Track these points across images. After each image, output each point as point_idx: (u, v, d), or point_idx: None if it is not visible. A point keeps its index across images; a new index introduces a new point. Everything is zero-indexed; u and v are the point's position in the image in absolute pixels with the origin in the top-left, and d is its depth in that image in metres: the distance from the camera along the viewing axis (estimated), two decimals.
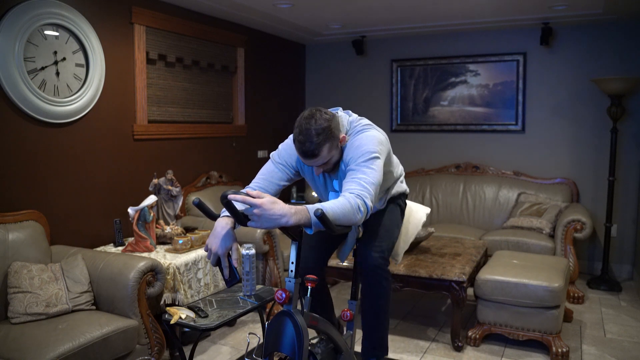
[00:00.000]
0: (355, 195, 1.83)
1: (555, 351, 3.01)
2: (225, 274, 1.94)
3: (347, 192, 1.85)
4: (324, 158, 1.98)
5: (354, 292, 2.40)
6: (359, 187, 1.86)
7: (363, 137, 2.04)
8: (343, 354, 2.21)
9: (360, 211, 1.82)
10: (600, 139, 4.66)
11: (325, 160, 2.00)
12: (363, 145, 2.00)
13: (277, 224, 1.68)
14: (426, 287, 3.26)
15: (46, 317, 2.51)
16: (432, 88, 5.31)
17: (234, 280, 1.94)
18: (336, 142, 2.00)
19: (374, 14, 4.42)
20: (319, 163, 2.00)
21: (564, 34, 4.74)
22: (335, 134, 1.98)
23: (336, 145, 2.01)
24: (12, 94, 2.83)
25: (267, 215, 1.66)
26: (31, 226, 2.83)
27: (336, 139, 2.00)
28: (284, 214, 1.67)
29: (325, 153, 1.97)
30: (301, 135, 1.95)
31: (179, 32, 4.00)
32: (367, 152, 1.97)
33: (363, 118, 2.18)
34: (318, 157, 1.97)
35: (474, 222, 4.92)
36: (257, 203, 1.65)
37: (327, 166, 2.05)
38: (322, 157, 1.97)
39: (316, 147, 1.93)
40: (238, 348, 3.22)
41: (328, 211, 1.73)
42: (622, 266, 4.68)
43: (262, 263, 3.74)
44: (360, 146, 2.00)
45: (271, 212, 1.66)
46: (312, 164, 2.01)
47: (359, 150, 1.99)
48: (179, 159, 4.11)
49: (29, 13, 2.88)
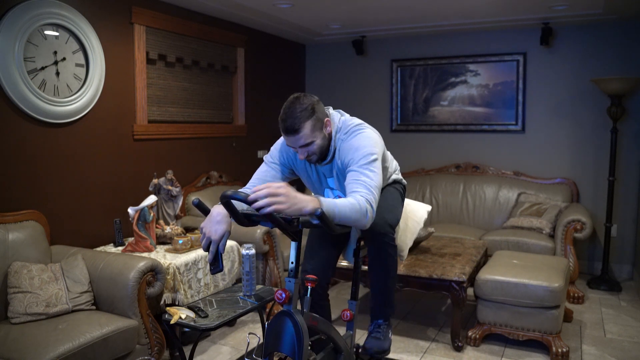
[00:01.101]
0: (365, 199, 1.83)
1: (555, 351, 3.01)
2: (210, 259, 1.96)
3: (356, 194, 1.85)
4: (307, 137, 1.97)
5: (354, 292, 2.40)
6: (366, 191, 1.86)
7: (361, 137, 2.04)
8: (343, 354, 2.21)
9: (367, 216, 1.83)
10: (600, 139, 4.66)
11: (308, 141, 1.98)
12: (362, 147, 1.99)
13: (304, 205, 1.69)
14: (426, 287, 3.26)
15: (46, 317, 2.51)
16: (432, 88, 5.31)
17: (217, 269, 1.95)
18: (320, 124, 2.00)
19: (374, 14, 4.42)
20: (301, 142, 1.98)
21: (564, 34, 4.74)
22: (319, 116, 1.99)
23: (320, 128, 2.00)
24: (12, 94, 2.83)
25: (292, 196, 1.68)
26: (31, 226, 2.83)
27: (320, 121, 2.00)
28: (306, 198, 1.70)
29: (308, 131, 1.96)
30: (284, 114, 1.96)
31: (179, 32, 4.00)
32: (368, 154, 1.96)
33: (354, 118, 2.18)
34: (300, 134, 1.95)
35: (474, 222, 4.92)
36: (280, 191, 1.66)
37: (311, 151, 2.02)
38: (305, 134, 1.96)
39: (298, 122, 1.93)
40: (238, 348, 3.22)
41: (340, 208, 1.76)
42: (622, 266, 4.68)
43: (262, 263, 3.74)
44: (359, 148, 1.99)
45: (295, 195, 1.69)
46: (295, 142, 1.99)
47: (358, 152, 1.98)
48: (179, 159, 4.11)
49: (29, 13, 2.88)
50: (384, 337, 2.27)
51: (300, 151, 2.02)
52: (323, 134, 2.03)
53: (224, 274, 3.30)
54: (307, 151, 2.02)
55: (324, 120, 2.03)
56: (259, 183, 2.14)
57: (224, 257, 3.31)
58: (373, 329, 2.31)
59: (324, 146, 2.05)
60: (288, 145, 2.04)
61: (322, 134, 2.02)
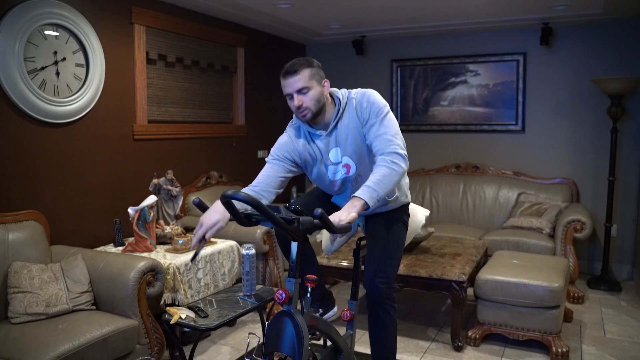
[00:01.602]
0: (387, 153, 2.00)
1: (555, 351, 3.01)
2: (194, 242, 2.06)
3: (379, 154, 2.02)
4: (304, 81, 2.04)
5: (354, 292, 2.40)
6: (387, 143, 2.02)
7: (368, 93, 2.14)
8: (343, 354, 2.21)
9: (402, 167, 2.00)
10: (600, 139, 4.66)
11: (305, 85, 2.04)
12: (375, 101, 2.11)
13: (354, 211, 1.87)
14: (426, 287, 3.26)
15: (46, 317, 2.51)
16: (432, 88, 5.31)
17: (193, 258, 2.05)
18: (318, 77, 2.08)
19: (374, 14, 4.42)
20: (298, 85, 2.04)
21: (564, 34, 4.74)
22: (319, 71, 2.10)
23: (318, 80, 2.08)
24: (12, 94, 2.83)
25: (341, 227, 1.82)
26: (31, 226, 2.82)
27: (319, 75, 2.09)
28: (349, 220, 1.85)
29: (306, 76, 2.04)
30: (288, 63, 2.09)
31: (179, 32, 4.00)
32: (383, 106, 2.10)
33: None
34: (298, 76, 2.03)
35: (474, 222, 4.92)
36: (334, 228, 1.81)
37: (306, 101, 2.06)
38: (303, 77, 2.03)
39: (298, 65, 2.04)
40: (238, 348, 3.22)
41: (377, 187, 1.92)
42: (622, 266, 4.68)
43: (262, 263, 3.74)
44: (374, 102, 2.11)
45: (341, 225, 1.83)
46: (292, 85, 2.05)
47: (374, 105, 2.10)
48: (179, 159, 4.11)
49: (29, 13, 2.88)
50: None
51: (295, 99, 2.07)
52: (320, 89, 2.09)
53: (224, 274, 3.30)
54: (302, 100, 2.06)
55: (323, 80, 2.11)
56: (264, 179, 2.18)
57: (224, 257, 3.32)
58: None
59: (319, 103, 2.09)
60: (286, 93, 2.09)
61: (319, 89, 2.09)
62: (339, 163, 2.19)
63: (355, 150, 2.15)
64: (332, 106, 2.16)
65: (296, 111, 2.11)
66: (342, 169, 2.20)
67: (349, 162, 2.18)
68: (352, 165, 2.18)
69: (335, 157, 2.19)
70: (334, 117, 2.14)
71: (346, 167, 2.19)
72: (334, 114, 2.15)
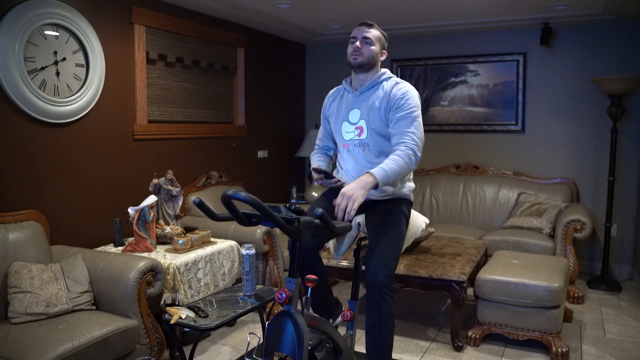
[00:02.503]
0: (407, 147, 2.21)
1: (555, 351, 3.01)
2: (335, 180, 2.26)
3: (402, 145, 2.23)
4: (372, 36, 2.36)
5: (354, 292, 2.40)
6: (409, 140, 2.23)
7: (410, 89, 2.35)
8: (343, 354, 2.21)
9: (412, 160, 2.21)
10: (600, 139, 4.67)
11: (371, 38, 2.35)
12: (411, 97, 2.32)
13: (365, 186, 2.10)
14: (426, 287, 3.26)
15: (46, 317, 2.51)
16: (432, 88, 5.31)
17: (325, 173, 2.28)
18: (382, 43, 2.41)
19: (373, 14, 4.41)
20: (367, 35, 2.35)
21: (564, 34, 4.74)
22: (384, 41, 2.43)
23: (381, 44, 2.41)
24: (12, 94, 2.83)
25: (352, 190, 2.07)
26: (31, 226, 2.82)
27: (383, 42, 2.42)
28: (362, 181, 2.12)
29: (376, 34, 2.37)
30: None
31: (179, 32, 4.00)
32: (415, 107, 2.31)
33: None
34: (370, 30, 2.36)
35: (474, 222, 4.92)
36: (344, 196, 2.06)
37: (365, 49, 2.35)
38: (373, 34, 2.36)
39: (374, 25, 2.39)
40: (238, 348, 3.22)
41: (390, 169, 2.15)
42: (622, 266, 4.68)
43: (262, 263, 3.74)
44: (411, 98, 2.31)
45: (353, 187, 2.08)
46: (361, 33, 2.36)
47: (408, 102, 2.30)
48: (179, 159, 4.11)
49: (29, 13, 2.88)
50: None
51: (358, 42, 2.35)
52: (379, 50, 2.39)
53: (224, 274, 3.30)
54: (362, 47, 2.34)
55: (384, 50, 2.43)
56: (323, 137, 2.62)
57: (224, 257, 3.32)
58: None
59: (372, 59, 2.37)
60: (352, 35, 2.38)
61: (378, 50, 2.39)
62: (355, 124, 2.41)
63: (373, 123, 2.35)
64: (375, 73, 2.42)
65: (352, 52, 2.37)
66: (356, 130, 2.40)
67: (363, 127, 2.39)
68: (364, 131, 2.38)
69: (354, 118, 2.41)
70: (372, 82, 2.39)
71: (359, 130, 2.40)
72: (372, 79, 2.39)
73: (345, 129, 2.43)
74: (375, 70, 2.41)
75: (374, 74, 2.41)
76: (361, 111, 2.38)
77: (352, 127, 2.41)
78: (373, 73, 2.41)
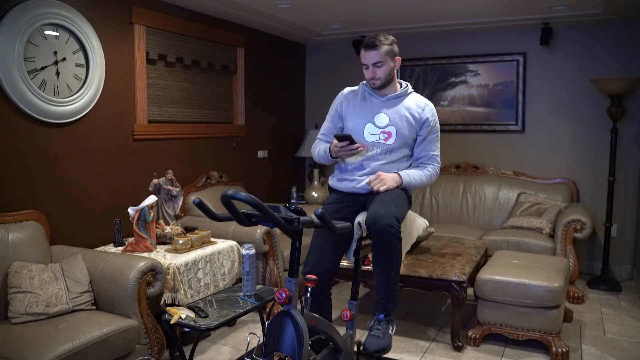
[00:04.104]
0: (434, 169, 2.57)
1: (555, 351, 3.01)
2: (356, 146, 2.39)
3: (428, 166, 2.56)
4: (381, 56, 2.37)
5: (354, 292, 2.40)
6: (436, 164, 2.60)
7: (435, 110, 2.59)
8: (343, 354, 2.21)
9: (432, 179, 2.56)
10: (600, 139, 4.66)
11: (380, 59, 2.37)
12: (437, 121, 2.59)
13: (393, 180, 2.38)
14: (426, 287, 3.26)
15: (46, 317, 2.51)
16: (432, 88, 5.31)
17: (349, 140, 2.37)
18: (392, 54, 2.41)
19: (374, 14, 4.42)
20: (374, 58, 2.37)
21: (564, 34, 4.74)
22: (394, 49, 2.42)
23: (392, 56, 2.41)
24: (12, 94, 2.83)
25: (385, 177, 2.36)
26: (31, 226, 2.83)
27: (393, 52, 2.42)
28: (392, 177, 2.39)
29: (383, 52, 2.37)
30: (369, 37, 2.42)
31: (179, 32, 4.00)
32: (438, 131, 2.60)
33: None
34: (375, 51, 2.37)
35: (474, 222, 4.92)
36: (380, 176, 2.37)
37: (379, 72, 2.40)
38: (380, 53, 2.37)
39: (378, 42, 2.37)
40: (238, 348, 3.22)
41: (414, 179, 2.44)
42: (622, 266, 4.68)
43: (262, 263, 3.74)
44: (437, 121, 2.58)
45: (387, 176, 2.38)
46: (369, 58, 2.38)
47: (437, 125, 2.58)
48: (179, 159, 4.11)
49: (29, 13, 2.88)
50: (383, 334, 2.27)
51: (370, 70, 2.40)
52: (392, 64, 2.43)
53: (224, 274, 3.30)
54: (376, 72, 2.40)
55: (396, 56, 2.44)
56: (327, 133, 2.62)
57: (224, 257, 3.32)
58: (373, 324, 2.31)
59: (389, 76, 2.44)
60: (363, 62, 2.42)
61: (391, 64, 2.42)
62: (383, 128, 2.47)
63: (403, 133, 2.47)
64: (396, 83, 2.52)
65: (369, 79, 2.45)
66: (382, 134, 2.47)
67: (392, 132, 2.47)
68: (393, 136, 2.47)
69: (381, 122, 2.47)
70: (398, 92, 2.49)
71: (387, 134, 2.47)
72: (398, 91, 2.50)
73: (370, 131, 2.48)
74: (395, 79, 2.53)
75: (395, 83, 2.52)
76: (390, 117, 2.47)
77: (378, 130, 2.47)
78: (394, 82, 2.52)
